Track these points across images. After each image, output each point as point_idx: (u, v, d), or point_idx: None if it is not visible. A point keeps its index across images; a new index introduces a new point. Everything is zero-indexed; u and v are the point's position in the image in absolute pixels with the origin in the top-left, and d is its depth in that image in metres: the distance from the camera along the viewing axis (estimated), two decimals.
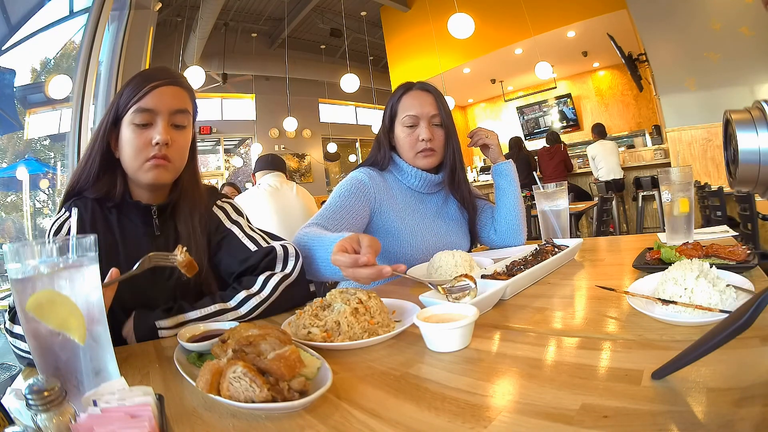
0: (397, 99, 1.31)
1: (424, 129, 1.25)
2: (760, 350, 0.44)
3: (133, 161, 0.87)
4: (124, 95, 0.88)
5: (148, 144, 0.86)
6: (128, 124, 0.87)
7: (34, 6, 3.28)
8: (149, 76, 0.88)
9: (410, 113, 1.26)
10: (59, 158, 3.90)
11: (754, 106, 0.36)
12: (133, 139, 0.86)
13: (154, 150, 0.86)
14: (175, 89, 0.90)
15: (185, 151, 0.94)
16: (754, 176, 0.36)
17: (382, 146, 1.34)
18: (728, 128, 0.38)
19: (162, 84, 0.88)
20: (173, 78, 0.91)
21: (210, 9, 7.11)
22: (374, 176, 1.28)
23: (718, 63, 4.64)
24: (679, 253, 0.81)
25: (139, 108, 0.86)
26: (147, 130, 0.87)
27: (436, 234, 1.31)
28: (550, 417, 0.38)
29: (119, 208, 0.90)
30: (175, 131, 0.90)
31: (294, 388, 0.45)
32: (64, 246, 0.48)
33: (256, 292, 0.85)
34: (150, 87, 0.86)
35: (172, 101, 0.89)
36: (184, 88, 0.93)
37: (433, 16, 7.01)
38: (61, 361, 0.47)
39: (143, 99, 0.86)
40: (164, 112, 0.88)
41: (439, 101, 1.29)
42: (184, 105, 0.92)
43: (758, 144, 0.35)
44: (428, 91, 1.29)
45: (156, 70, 0.91)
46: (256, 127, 9.98)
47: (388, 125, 1.33)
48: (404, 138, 1.28)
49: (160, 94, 0.87)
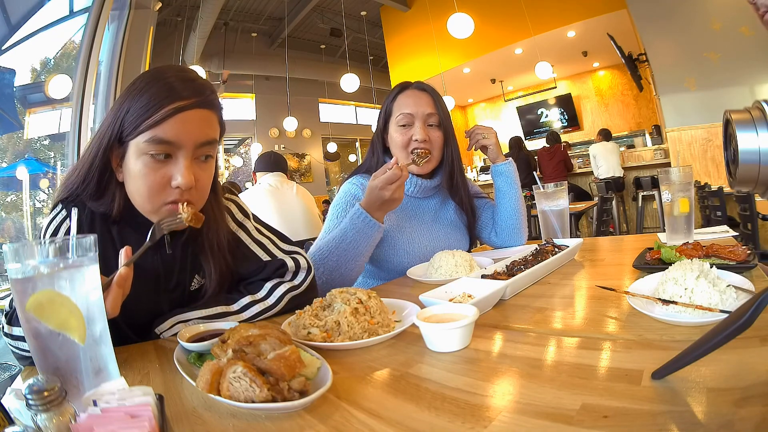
0: (392, 98, 1.26)
1: (419, 129, 1.20)
2: (760, 350, 0.44)
3: (145, 203, 0.71)
4: (133, 110, 0.68)
5: (165, 184, 0.70)
6: (140, 153, 0.69)
7: (34, 6, 3.28)
8: (171, 91, 0.68)
9: (405, 111, 1.21)
10: (59, 158, 3.89)
11: (754, 106, 0.36)
12: (146, 175, 0.69)
13: (173, 194, 0.70)
14: (204, 113, 0.71)
15: (209, 184, 0.78)
16: (754, 176, 0.36)
17: (375, 151, 1.30)
18: (728, 128, 0.38)
19: (189, 107, 0.69)
20: (202, 97, 0.71)
21: (210, 9, 7.11)
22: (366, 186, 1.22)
23: (718, 63, 4.64)
24: (679, 253, 0.81)
25: (156, 137, 0.67)
26: (165, 165, 0.69)
27: (435, 239, 1.28)
28: (550, 417, 0.38)
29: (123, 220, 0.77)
30: (199, 166, 0.73)
31: (294, 388, 0.45)
32: (64, 246, 0.48)
33: (261, 298, 0.83)
34: (172, 110, 0.67)
35: (199, 132, 0.71)
36: (215, 108, 0.74)
37: (433, 16, 7.01)
38: (61, 361, 0.47)
39: (162, 125, 0.67)
40: (189, 146, 0.70)
41: (437, 101, 1.24)
42: (214, 134, 0.74)
43: (758, 144, 0.35)
44: (425, 91, 1.24)
45: (179, 80, 0.70)
46: (256, 126, 9.98)
47: (382, 126, 1.29)
48: (397, 138, 1.22)
49: (185, 122, 0.68)
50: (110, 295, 0.60)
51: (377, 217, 1.05)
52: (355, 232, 1.04)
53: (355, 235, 1.04)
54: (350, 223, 1.05)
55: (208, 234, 0.81)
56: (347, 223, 1.06)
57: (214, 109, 0.75)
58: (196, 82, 0.73)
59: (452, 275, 0.97)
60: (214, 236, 0.82)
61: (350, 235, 1.05)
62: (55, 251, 0.48)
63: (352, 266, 1.06)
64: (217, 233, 0.83)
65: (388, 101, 1.27)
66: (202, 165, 0.74)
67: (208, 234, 0.81)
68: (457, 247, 1.29)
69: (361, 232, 1.04)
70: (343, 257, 1.05)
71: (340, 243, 1.05)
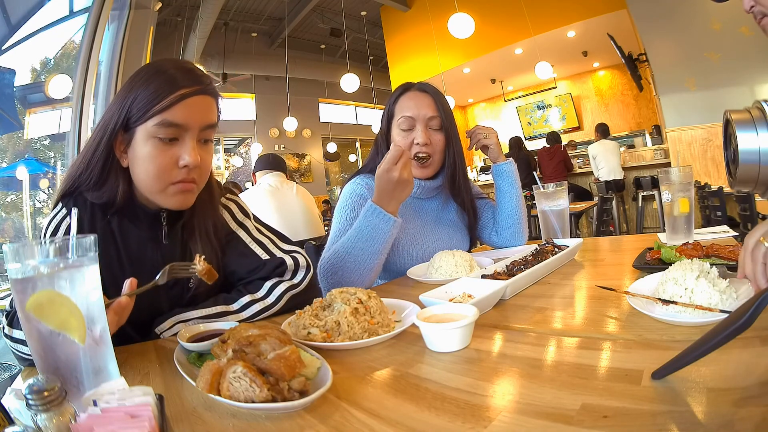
0: (394, 100, 1.26)
1: (420, 132, 1.19)
2: (760, 350, 0.44)
3: (153, 183, 0.76)
4: (140, 98, 0.73)
5: (173, 165, 0.75)
6: (148, 136, 0.74)
7: (34, 6, 3.28)
8: (174, 80, 0.74)
9: (406, 114, 1.21)
10: (59, 158, 3.89)
11: (754, 106, 0.36)
12: (155, 156, 0.74)
13: (181, 173, 0.76)
14: (206, 99, 0.79)
15: (210, 167, 0.84)
16: (754, 176, 0.36)
17: (380, 151, 1.28)
18: (728, 128, 0.38)
19: (193, 93, 0.75)
20: (203, 85, 0.78)
21: (210, 9, 7.11)
22: (372, 186, 1.20)
23: (718, 63, 4.64)
24: (679, 253, 0.81)
25: (165, 121, 0.73)
26: (172, 147, 0.75)
27: (437, 240, 1.28)
28: (550, 417, 0.38)
29: (122, 212, 0.81)
30: (202, 148, 0.79)
31: (294, 388, 0.45)
32: (64, 246, 0.48)
33: (261, 297, 0.83)
34: (179, 96, 0.74)
35: (203, 115, 0.78)
36: (214, 95, 0.81)
37: (433, 16, 7.01)
38: (61, 361, 0.47)
39: (170, 110, 0.73)
40: (195, 129, 0.76)
41: (439, 103, 1.23)
42: (214, 118, 0.81)
43: (758, 144, 0.35)
44: (426, 92, 1.24)
45: (181, 71, 0.77)
46: (256, 126, 9.98)
47: (385, 128, 1.28)
48: (400, 141, 1.22)
49: (190, 107, 0.75)
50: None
51: (391, 210, 1.03)
52: (371, 229, 1.02)
53: (371, 232, 1.02)
54: (364, 221, 1.03)
55: (197, 218, 0.86)
56: (362, 221, 1.03)
57: (213, 95, 0.81)
58: (195, 72, 0.79)
59: (452, 275, 0.97)
60: (202, 220, 0.86)
61: (366, 233, 1.02)
62: (55, 251, 0.48)
63: (371, 266, 1.04)
64: (205, 218, 0.87)
65: (390, 102, 1.27)
66: (204, 147, 0.81)
67: (197, 218, 0.86)
68: (458, 248, 1.26)
69: (377, 229, 1.02)
70: (360, 257, 1.03)
71: (356, 243, 1.03)
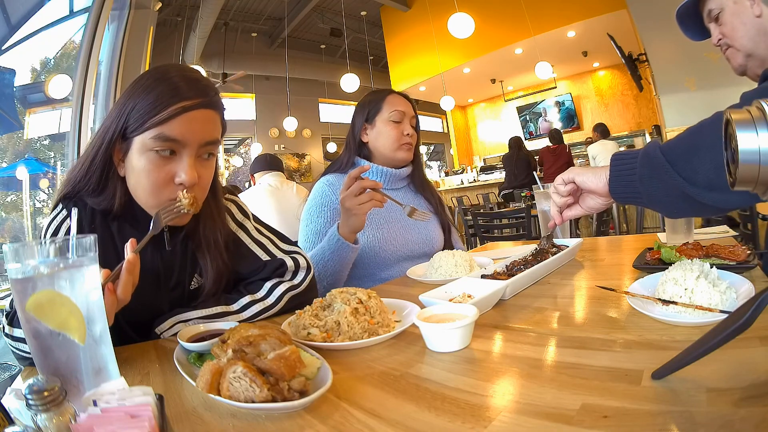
0: (382, 98, 1.40)
1: (408, 125, 1.38)
2: (760, 350, 0.44)
3: (149, 198, 0.73)
4: (139, 107, 0.70)
5: (169, 181, 0.72)
6: (144, 149, 0.70)
7: (34, 6, 3.28)
8: (176, 90, 0.70)
9: (399, 108, 1.37)
10: (59, 158, 3.89)
11: (754, 106, 0.36)
12: (150, 171, 0.71)
13: (176, 191, 0.73)
14: (208, 114, 0.74)
15: (210, 182, 0.80)
16: (754, 176, 0.36)
17: (347, 149, 1.42)
18: (728, 128, 0.38)
19: (194, 107, 0.71)
20: (207, 98, 0.73)
21: (210, 8, 7.11)
22: (336, 185, 1.31)
23: (718, 63, 4.60)
24: (679, 253, 0.81)
25: (161, 135, 0.69)
26: (170, 161, 0.72)
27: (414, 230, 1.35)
28: (550, 417, 0.38)
29: (122, 216, 0.78)
30: (201, 164, 0.75)
31: (294, 388, 0.45)
32: (64, 246, 0.48)
33: (261, 298, 0.83)
34: (179, 109, 0.70)
35: (203, 131, 0.73)
36: (218, 109, 0.77)
37: (433, 16, 7.01)
38: (61, 361, 0.47)
39: (168, 123, 0.69)
40: (193, 145, 0.72)
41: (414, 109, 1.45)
42: (217, 134, 0.76)
43: (758, 144, 0.35)
44: (407, 99, 1.45)
45: (185, 80, 0.72)
46: (256, 126, 9.97)
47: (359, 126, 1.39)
48: (390, 131, 1.35)
49: (190, 121, 0.71)
50: (121, 282, 0.61)
51: (349, 238, 1.14)
52: (331, 252, 1.14)
53: (332, 255, 1.14)
54: (327, 244, 1.15)
55: (206, 231, 0.83)
56: (325, 244, 1.16)
57: (218, 109, 0.77)
58: (201, 82, 0.75)
59: (452, 275, 0.97)
60: (211, 233, 0.83)
61: (327, 255, 1.14)
62: (55, 251, 0.48)
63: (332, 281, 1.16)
64: (213, 230, 0.84)
65: (376, 101, 1.40)
66: (205, 163, 0.77)
67: (205, 231, 0.83)
68: (434, 236, 1.39)
69: (336, 253, 1.14)
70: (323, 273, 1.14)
71: (318, 261, 1.15)
